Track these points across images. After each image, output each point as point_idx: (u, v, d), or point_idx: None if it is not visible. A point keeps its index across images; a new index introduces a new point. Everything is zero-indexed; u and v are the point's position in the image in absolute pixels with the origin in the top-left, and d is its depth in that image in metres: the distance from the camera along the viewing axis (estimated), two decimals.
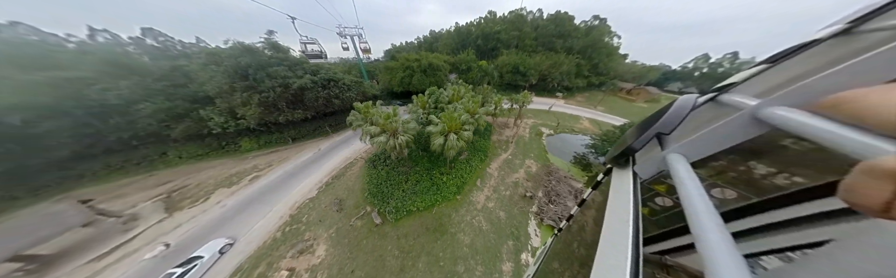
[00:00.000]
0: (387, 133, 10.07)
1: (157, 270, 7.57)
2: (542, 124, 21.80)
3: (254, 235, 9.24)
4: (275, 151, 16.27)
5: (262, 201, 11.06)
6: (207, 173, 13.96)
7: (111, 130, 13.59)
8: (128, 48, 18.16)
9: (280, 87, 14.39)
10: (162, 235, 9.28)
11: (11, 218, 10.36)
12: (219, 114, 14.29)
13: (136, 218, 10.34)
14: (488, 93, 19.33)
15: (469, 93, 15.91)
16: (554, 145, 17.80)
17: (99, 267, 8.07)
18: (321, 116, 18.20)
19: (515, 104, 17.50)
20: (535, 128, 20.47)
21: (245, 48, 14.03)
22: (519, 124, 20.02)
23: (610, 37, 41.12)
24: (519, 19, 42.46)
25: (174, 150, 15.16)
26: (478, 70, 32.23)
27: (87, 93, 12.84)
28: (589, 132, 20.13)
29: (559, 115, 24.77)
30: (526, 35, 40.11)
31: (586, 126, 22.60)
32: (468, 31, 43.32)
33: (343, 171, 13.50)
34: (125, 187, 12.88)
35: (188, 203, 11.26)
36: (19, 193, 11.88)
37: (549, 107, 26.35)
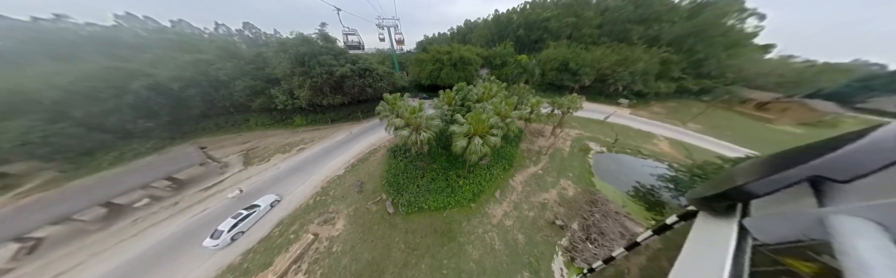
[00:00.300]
0: (410, 127, 10.09)
1: (232, 208, 10.66)
2: (591, 138, 17.65)
3: (294, 197, 11.36)
4: (317, 129, 19.55)
5: (303, 170, 13.65)
6: (271, 139, 18.08)
7: (219, 99, 18.56)
8: (234, 38, 23.98)
9: (326, 74, 16.62)
10: (238, 182, 12.90)
11: (167, 152, 16.04)
12: (282, 93, 17.74)
13: (227, 166, 14.60)
14: (524, 94, 17.30)
15: (501, 93, 14.50)
16: (604, 167, 14.07)
17: (204, 196, 12.02)
18: (355, 103, 20.36)
19: (558, 109, 15.00)
20: (581, 142, 16.90)
21: (303, 38, 16.37)
22: (558, 134, 16.96)
23: (738, 17, 26.90)
24: (579, 2, 34.96)
25: (254, 118, 19.90)
26: (515, 66, 28.40)
27: (209, 70, 17.65)
28: (666, 157, 15.05)
29: (619, 129, 19.38)
30: (585, 22, 32.58)
31: (664, 149, 16.73)
32: (508, 20, 37.91)
33: (367, 156, 14.83)
34: (223, 141, 17.98)
35: (257, 161, 15.10)
36: (176, 136, 18.04)
37: (606, 118, 21.15)
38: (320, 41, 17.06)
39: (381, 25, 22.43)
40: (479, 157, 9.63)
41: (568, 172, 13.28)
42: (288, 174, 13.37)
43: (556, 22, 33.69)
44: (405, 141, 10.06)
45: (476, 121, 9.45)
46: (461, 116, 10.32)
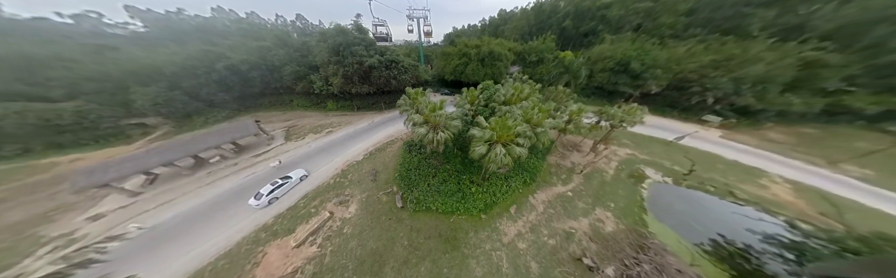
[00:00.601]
0: (429, 125, 9.86)
1: (272, 175, 12.85)
2: (649, 162, 13.95)
3: (319, 175, 13.03)
4: (344, 115, 21.65)
5: (329, 151, 15.58)
6: (307, 120, 20.85)
7: (273, 81, 21.71)
8: (288, 28, 26.96)
9: (356, 64, 17.70)
10: (279, 154, 15.61)
11: (234, 121, 20.08)
12: (319, 79, 19.77)
13: (273, 138, 17.67)
14: (563, 99, 14.99)
15: (534, 96, 12.82)
16: (665, 204, 10.65)
17: (254, 161, 15.05)
18: (380, 93, 21.46)
19: (606, 121, 12.49)
20: (632, 165, 13.59)
21: (340, 29, 17.35)
22: (600, 151, 14.46)
23: None
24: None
25: (296, 100, 23.01)
26: (555, 64, 24.42)
27: (267, 56, 20.55)
28: (785, 210, 10.37)
29: (698, 156, 14.69)
30: (667, 7, 24.43)
31: (781, 197, 11.52)
32: (553, 9, 31.88)
33: (384, 146, 15.64)
34: (272, 117, 21.49)
35: (295, 137, 17.82)
36: (241, 109, 22.30)
37: (678, 139, 16.30)
38: (355, 32, 17.82)
39: (411, 16, 21.90)
40: (498, 166, 8.83)
41: (608, 201, 10.88)
42: (316, 153, 15.48)
43: (619, 9, 26.85)
44: (421, 138, 9.85)
45: (501, 128, 8.45)
46: (483, 119, 9.45)
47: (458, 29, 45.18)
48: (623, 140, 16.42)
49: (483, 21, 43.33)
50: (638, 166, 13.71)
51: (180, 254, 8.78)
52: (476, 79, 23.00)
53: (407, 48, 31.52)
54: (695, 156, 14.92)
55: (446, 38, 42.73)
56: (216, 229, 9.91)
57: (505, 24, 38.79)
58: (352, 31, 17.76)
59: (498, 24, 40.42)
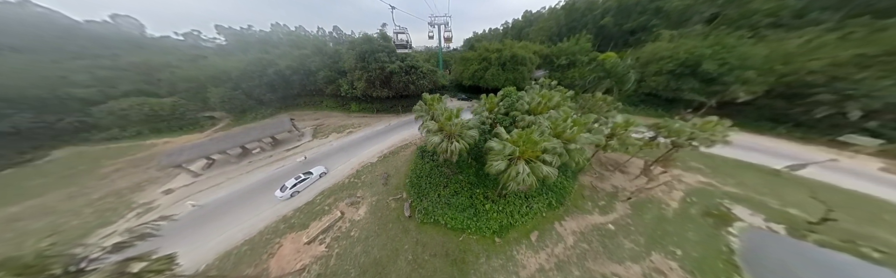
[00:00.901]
0: (443, 133, 9.23)
1: (297, 170, 14.23)
2: (741, 197, 10.31)
3: (336, 173, 13.76)
4: (365, 116, 23.08)
5: (347, 151, 16.61)
6: (332, 120, 22.83)
7: (309, 84, 24.49)
8: (325, 38, 30.52)
9: (379, 69, 18.72)
10: (306, 150, 17.38)
11: (275, 118, 23.12)
12: (346, 83, 21.48)
13: (303, 135, 19.79)
14: (603, 109, 12.47)
15: (565, 104, 11.08)
16: (774, 265, 7.34)
17: (286, 155, 16.99)
18: (398, 97, 22.31)
19: (665, 138, 9.67)
20: (708, 199, 10.27)
21: (366, 38, 18.61)
22: (655, 175, 11.42)
23: None
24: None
25: (325, 101, 25.47)
26: (593, 67, 21.24)
27: (306, 62, 23.25)
28: None
29: (836, 196, 10.18)
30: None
31: None
32: (588, 5, 28.34)
33: (398, 150, 15.92)
34: (305, 116, 24.12)
35: (320, 135, 19.64)
36: (281, 107, 25.71)
37: (794, 168, 11.76)
38: (380, 40, 18.89)
39: (432, 23, 22.14)
40: (518, 184, 7.24)
41: (671, 245, 8.20)
42: (336, 152, 16.69)
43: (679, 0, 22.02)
44: (435, 147, 9.13)
45: (524, 142, 7.28)
46: (504, 130, 8.33)
47: (478, 33, 44.35)
48: (691, 163, 12.58)
49: (505, 24, 42.13)
50: (720, 202, 10.04)
51: (215, 235, 10.11)
52: (496, 85, 21.90)
53: (427, 54, 32.15)
54: (828, 195, 9.99)
55: (466, 43, 42.40)
56: (246, 214, 11.27)
57: (530, 26, 36.86)
58: (377, 40, 18.90)
59: (522, 26, 38.75)
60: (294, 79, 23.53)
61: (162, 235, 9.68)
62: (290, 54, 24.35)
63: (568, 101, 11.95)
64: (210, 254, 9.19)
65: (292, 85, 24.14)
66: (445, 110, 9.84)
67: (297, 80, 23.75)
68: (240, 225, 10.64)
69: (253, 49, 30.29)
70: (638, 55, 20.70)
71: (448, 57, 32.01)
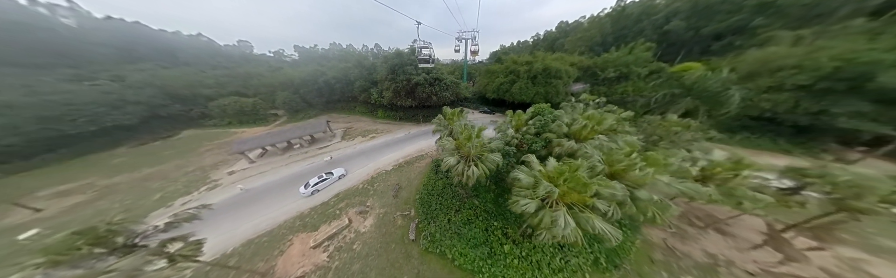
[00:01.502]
0: (460, 153, 7.97)
1: (322, 168, 15.64)
2: None
3: (354, 177, 14.44)
4: (388, 123, 24.70)
5: (367, 156, 17.69)
6: (360, 124, 25.16)
7: (347, 92, 27.95)
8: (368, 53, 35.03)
9: (405, 81, 19.86)
10: (333, 150, 19.44)
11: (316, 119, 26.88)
12: (376, 92, 23.53)
13: (334, 136, 22.30)
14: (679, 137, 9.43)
15: (622, 128, 8.91)
16: None
17: (318, 153, 19.37)
18: (420, 107, 23.23)
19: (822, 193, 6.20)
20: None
21: (397, 52, 20.18)
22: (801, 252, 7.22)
23: None
24: None
25: (357, 107, 28.52)
26: (662, 82, 16.25)
27: (348, 73, 26.77)
28: None
29: None
30: None
31: None
32: (645, 9, 24.18)
33: (413, 160, 16.12)
34: (339, 118, 27.31)
35: (348, 138, 21.81)
36: (324, 110, 30.02)
37: None
38: (410, 55, 20.11)
39: (460, 38, 22.24)
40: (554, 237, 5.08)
41: None
42: (357, 155, 18.01)
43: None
44: (449, 169, 7.87)
45: (567, 180, 5.27)
46: (534, 158, 6.43)
47: (505, 46, 43.35)
48: (883, 240, 7.78)
49: (535, 36, 39.85)
50: None
51: (247, 221, 11.53)
52: (524, 99, 20.05)
53: (452, 66, 32.78)
54: None
55: (492, 55, 41.53)
56: (275, 205, 12.72)
57: (564, 36, 33.68)
58: (407, 54, 20.24)
59: (555, 37, 35.98)
60: (337, 87, 27.31)
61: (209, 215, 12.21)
62: (336, 67, 28.92)
63: (624, 125, 9.17)
64: (238, 240, 10.48)
65: (335, 92, 28.13)
66: (465, 128, 8.62)
67: (339, 88, 27.50)
68: (268, 214, 11.99)
69: (313, 63, 37.39)
70: (736, 64, 15.26)
71: (473, 69, 31.96)
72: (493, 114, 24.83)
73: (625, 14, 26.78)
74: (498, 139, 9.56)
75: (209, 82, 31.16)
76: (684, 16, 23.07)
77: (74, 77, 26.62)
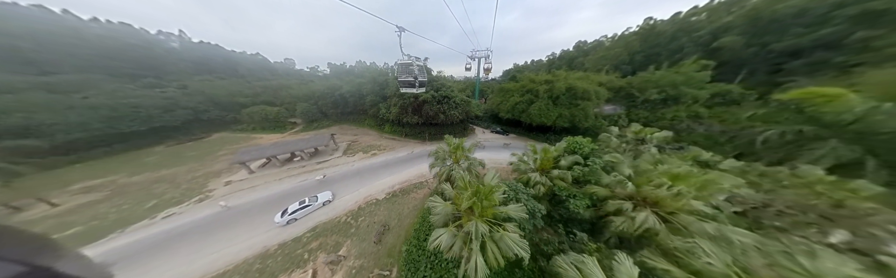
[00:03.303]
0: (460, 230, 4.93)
1: (312, 189, 13.80)
2: None
3: (339, 204, 12.16)
4: (394, 139, 23.19)
5: (362, 176, 15.45)
6: (366, 138, 24.06)
7: (359, 105, 27.90)
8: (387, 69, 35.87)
9: (412, 97, 18.39)
10: (332, 166, 17.96)
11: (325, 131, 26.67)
12: (385, 107, 22.57)
13: (336, 149, 21.17)
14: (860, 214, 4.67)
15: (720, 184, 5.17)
16: None
17: (315, 168, 18.02)
18: (427, 125, 21.50)
19: None
20: None
21: None
22: None
23: None
24: None
25: (367, 120, 27.98)
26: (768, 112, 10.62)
27: (361, 88, 26.87)
28: None
29: None
30: None
31: None
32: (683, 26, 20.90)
33: (410, 188, 13.67)
34: (348, 130, 26.77)
35: (349, 152, 20.49)
36: (336, 120, 30.14)
37: None
38: None
39: (473, 56, 20.74)
40: None
41: None
42: (353, 175, 16.07)
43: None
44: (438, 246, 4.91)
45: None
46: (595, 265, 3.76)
47: (519, 65, 42.07)
48: None
49: (551, 55, 38.48)
50: None
51: (205, 255, 9.49)
52: (543, 122, 17.07)
53: (463, 83, 32.08)
54: None
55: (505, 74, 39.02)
56: (243, 233, 10.77)
57: (583, 55, 31.39)
58: None
59: (573, 56, 33.81)
60: (350, 100, 27.51)
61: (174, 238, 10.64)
62: (353, 81, 29.36)
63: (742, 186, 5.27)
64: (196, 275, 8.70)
65: (348, 104, 28.41)
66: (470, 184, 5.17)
67: (352, 101, 27.65)
68: (231, 247, 10.05)
69: (337, 78, 39.45)
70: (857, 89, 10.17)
71: (485, 86, 30.72)
72: (507, 135, 21.80)
73: (655, 32, 23.76)
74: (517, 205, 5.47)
75: (247, 92, 34.26)
76: (739, 31, 19.01)
77: (151, 85, 31.22)
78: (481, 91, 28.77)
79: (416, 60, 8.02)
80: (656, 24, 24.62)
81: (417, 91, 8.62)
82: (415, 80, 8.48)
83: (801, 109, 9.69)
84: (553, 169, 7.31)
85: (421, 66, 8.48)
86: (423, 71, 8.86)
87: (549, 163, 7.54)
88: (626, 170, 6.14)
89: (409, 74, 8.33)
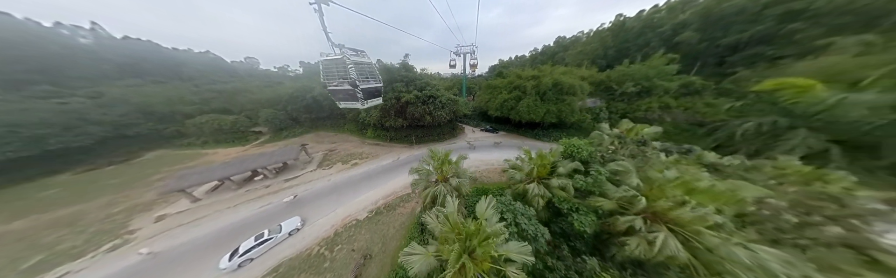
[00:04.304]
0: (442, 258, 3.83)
1: (280, 213, 10.91)
2: None
3: (311, 231, 9.63)
4: (377, 144, 20.17)
5: (340, 193, 12.65)
6: (346, 145, 20.67)
7: (335, 109, 23.98)
8: None
9: (394, 99, 15.81)
10: (303, 183, 14.53)
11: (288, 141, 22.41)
12: (364, 110, 19.39)
13: (310, 162, 17.58)
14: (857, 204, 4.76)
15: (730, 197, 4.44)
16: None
17: (282, 187, 14.36)
18: (413, 127, 18.99)
19: None
20: None
21: (384, 68, 16.44)
22: None
23: None
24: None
25: (347, 125, 24.40)
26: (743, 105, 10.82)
27: None
28: None
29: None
30: None
31: None
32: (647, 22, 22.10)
33: (396, 203, 11.51)
34: (325, 138, 22.98)
35: (326, 164, 17.12)
36: (312, 128, 25.72)
37: None
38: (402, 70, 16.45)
39: (458, 52, 18.97)
40: None
41: None
42: (329, 192, 13.14)
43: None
44: None
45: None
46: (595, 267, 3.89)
47: (503, 61, 41.34)
48: None
49: (533, 50, 38.03)
50: None
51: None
52: (532, 119, 16.33)
53: (450, 81, 29.66)
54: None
55: (491, 69, 38.47)
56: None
57: (564, 50, 31.97)
58: (397, 70, 16.59)
59: (554, 51, 33.98)
60: (325, 103, 23.57)
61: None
62: None
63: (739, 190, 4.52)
64: None
65: (323, 108, 24.39)
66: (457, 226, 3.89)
67: (328, 105, 23.74)
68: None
69: (309, 78, 34.01)
70: None
71: (472, 83, 29.20)
72: (497, 133, 20.44)
73: (625, 28, 24.94)
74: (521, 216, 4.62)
75: (193, 98, 27.63)
76: (695, 27, 20.31)
77: (49, 94, 23.03)
78: (469, 88, 27.01)
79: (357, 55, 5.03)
80: (625, 20, 25.48)
81: (365, 106, 5.47)
82: (355, 89, 5.14)
83: (775, 101, 9.74)
84: (551, 175, 6.31)
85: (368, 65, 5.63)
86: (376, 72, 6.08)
87: (546, 169, 6.52)
88: (635, 180, 5.28)
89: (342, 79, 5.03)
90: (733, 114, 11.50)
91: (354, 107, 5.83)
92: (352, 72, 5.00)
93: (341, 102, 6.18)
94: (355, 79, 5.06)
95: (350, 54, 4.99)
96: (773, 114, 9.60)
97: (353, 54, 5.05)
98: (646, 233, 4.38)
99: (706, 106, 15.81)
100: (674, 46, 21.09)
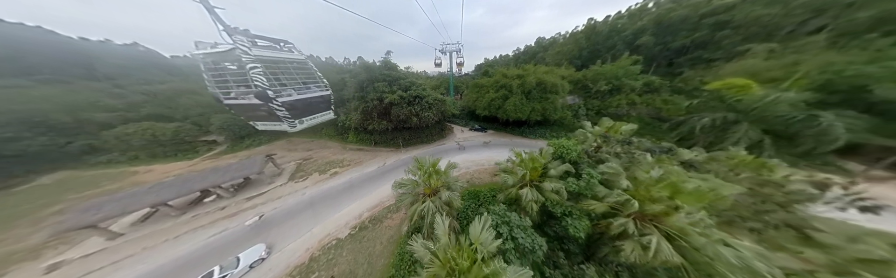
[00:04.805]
0: None
1: (237, 242, 8.76)
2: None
3: (280, 258, 7.96)
4: (361, 149, 18.01)
5: (316, 209, 10.80)
6: (325, 152, 18.08)
7: None
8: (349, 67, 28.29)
9: (376, 100, 14.13)
10: (270, 200, 12.02)
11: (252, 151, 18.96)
12: (343, 113, 17.14)
13: (279, 174, 14.80)
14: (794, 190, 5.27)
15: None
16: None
17: (243, 207, 11.67)
18: (399, 129, 17.39)
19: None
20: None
21: (365, 66, 14.71)
22: None
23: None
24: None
25: (325, 129, 21.40)
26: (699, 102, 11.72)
27: None
28: None
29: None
30: None
31: None
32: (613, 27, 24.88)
33: (383, 215, 10.08)
34: (299, 145, 19.88)
35: (300, 176, 14.57)
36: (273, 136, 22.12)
37: None
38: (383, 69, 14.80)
39: (444, 50, 18.07)
40: None
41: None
42: (302, 209, 11.04)
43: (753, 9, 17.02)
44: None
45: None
46: None
47: (489, 59, 42.18)
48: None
49: (516, 50, 39.47)
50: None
51: None
52: (519, 117, 16.25)
53: (437, 80, 28.31)
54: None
55: (478, 68, 39.06)
56: None
57: (544, 51, 33.89)
58: (378, 68, 14.91)
59: (535, 51, 35.75)
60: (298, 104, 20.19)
61: None
62: None
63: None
64: None
65: None
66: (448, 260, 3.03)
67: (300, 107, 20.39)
68: None
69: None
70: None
71: (459, 82, 28.36)
72: (486, 132, 20.03)
73: (596, 31, 27.16)
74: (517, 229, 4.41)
75: (111, 103, 21.42)
76: (651, 32, 22.91)
77: None
78: (456, 86, 26.11)
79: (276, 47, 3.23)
80: (596, 24, 27.77)
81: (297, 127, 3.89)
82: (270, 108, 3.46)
83: (723, 98, 10.85)
84: (542, 177, 6.14)
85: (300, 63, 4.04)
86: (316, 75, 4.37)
87: (538, 172, 6.27)
88: (624, 182, 5.28)
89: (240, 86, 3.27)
90: (692, 109, 12.72)
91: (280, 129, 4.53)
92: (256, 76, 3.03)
93: (258, 123, 4.30)
94: (266, 88, 3.15)
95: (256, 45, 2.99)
96: (723, 110, 10.93)
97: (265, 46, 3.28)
98: (639, 237, 4.27)
99: (663, 102, 17.67)
100: (635, 49, 23.42)
